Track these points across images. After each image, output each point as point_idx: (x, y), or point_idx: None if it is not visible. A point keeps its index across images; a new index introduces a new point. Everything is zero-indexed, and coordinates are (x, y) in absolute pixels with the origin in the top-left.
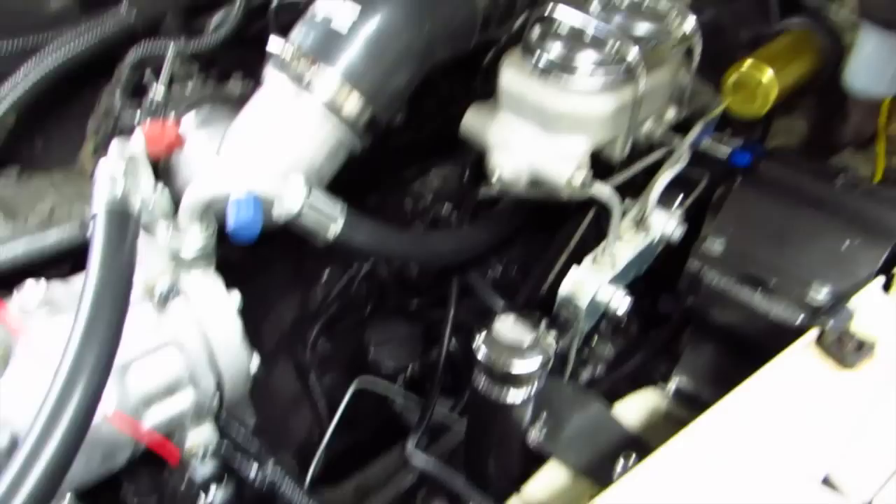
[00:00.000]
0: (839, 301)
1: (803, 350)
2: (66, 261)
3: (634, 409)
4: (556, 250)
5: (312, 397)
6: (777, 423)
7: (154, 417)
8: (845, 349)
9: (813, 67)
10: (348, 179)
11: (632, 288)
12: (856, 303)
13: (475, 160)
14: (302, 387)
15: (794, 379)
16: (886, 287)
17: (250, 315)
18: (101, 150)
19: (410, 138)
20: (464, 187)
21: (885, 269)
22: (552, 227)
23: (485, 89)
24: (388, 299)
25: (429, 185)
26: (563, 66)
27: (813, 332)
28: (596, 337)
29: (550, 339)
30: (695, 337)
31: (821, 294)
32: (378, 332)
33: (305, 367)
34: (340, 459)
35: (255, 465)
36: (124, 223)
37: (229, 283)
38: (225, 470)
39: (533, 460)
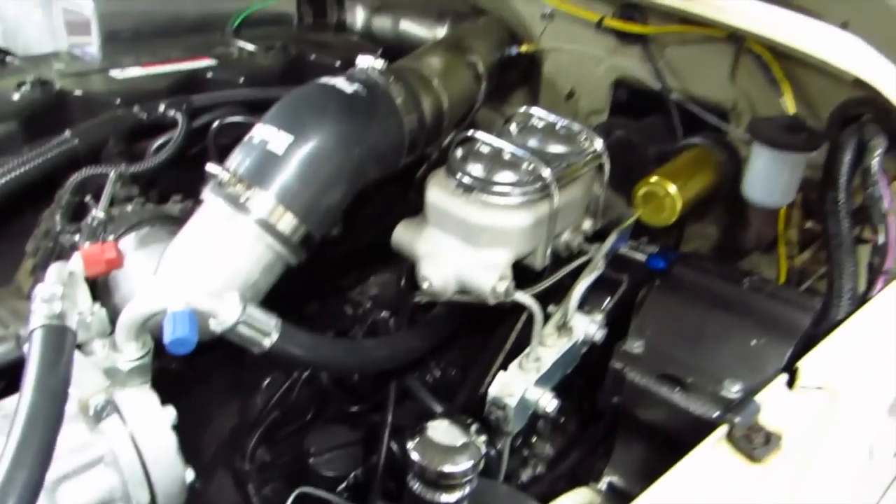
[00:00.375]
0: (748, 395)
1: (714, 446)
2: (1, 378)
3: None
4: (492, 353)
5: None
6: None
7: None
8: (753, 443)
9: (714, 180)
10: (289, 288)
11: (570, 387)
12: (762, 398)
13: (411, 268)
14: (241, 498)
15: (706, 475)
16: (791, 383)
17: (189, 426)
18: (39, 269)
19: (348, 248)
20: (401, 294)
21: (790, 366)
22: (488, 330)
23: (418, 201)
24: (329, 405)
25: (367, 292)
26: (484, 185)
27: (723, 429)
28: (535, 438)
29: (481, 441)
30: (624, 434)
31: (733, 390)
32: (318, 440)
33: (244, 477)
34: None
35: None
36: (61, 340)
37: (167, 394)
38: None
39: None
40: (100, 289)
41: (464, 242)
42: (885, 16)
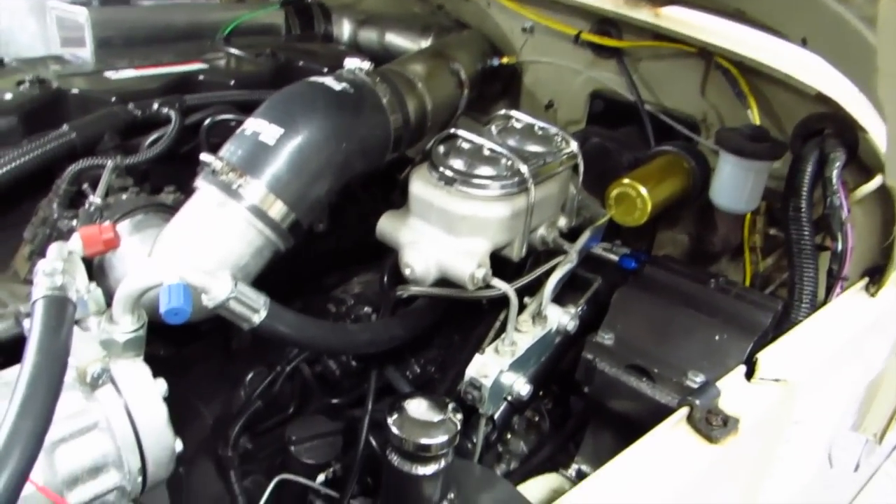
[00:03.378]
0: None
1: (673, 426)
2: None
3: (537, 490)
4: (469, 351)
5: (233, 494)
6: (645, 492)
7: (79, 496)
8: (712, 425)
9: (683, 184)
10: (274, 285)
11: (546, 386)
12: (722, 384)
13: (393, 265)
14: (223, 484)
15: (664, 454)
16: (749, 375)
17: (174, 413)
18: (37, 255)
19: (333, 246)
20: (383, 288)
21: (750, 360)
22: (466, 330)
23: (403, 201)
24: (311, 399)
25: (350, 290)
26: (464, 177)
27: (683, 411)
28: (510, 435)
29: (457, 418)
30: (594, 423)
31: (696, 381)
32: (299, 429)
33: (226, 463)
34: None
35: None
36: (62, 309)
37: (157, 377)
38: None
39: None
40: (95, 271)
41: (444, 231)
42: (842, 32)
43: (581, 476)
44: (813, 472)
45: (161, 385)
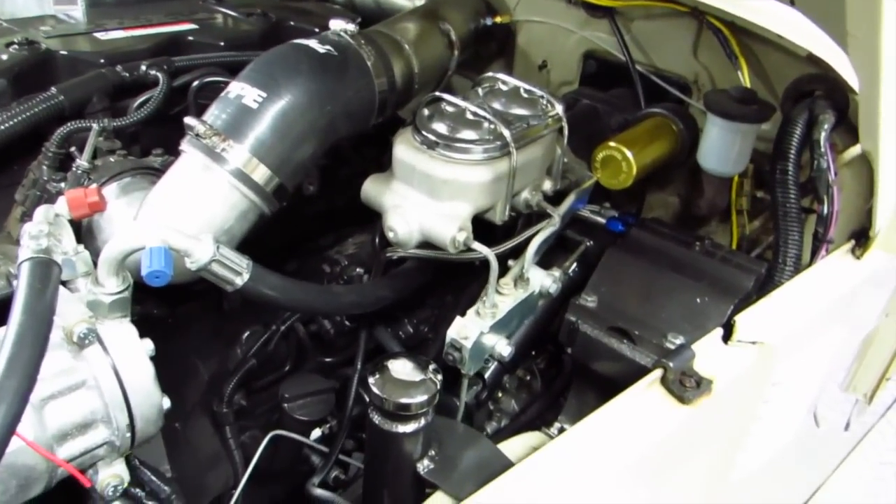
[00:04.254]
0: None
1: (647, 387)
2: None
3: (518, 447)
4: (461, 311)
5: (228, 449)
6: (617, 450)
7: (69, 451)
8: (685, 387)
9: (671, 147)
10: (268, 247)
11: (540, 350)
12: (697, 347)
13: (383, 228)
14: (219, 439)
15: (636, 413)
16: (727, 337)
17: (169, 371)
18: (28, 216)
19: (326, 208)
20: (375, 250)
21: (730, 322)
22: (458, 290)
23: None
24: (305, 358)
25: (344, 251)
26: (447, 141)
27: (657, 372)
28: (501, 394)
29: (437, 378)
30: (577, 384)
31: (675, 343)
32: (293, 387)
33: (222, 419)
34: None
35: None
36: (47, 271)
37: (149, 336)
38: None
39: (422, 492)
40: (84, 233)
41: (427, 196)
42: None
43: (562, 433)
44: (795, 431)
45: (147, 344)
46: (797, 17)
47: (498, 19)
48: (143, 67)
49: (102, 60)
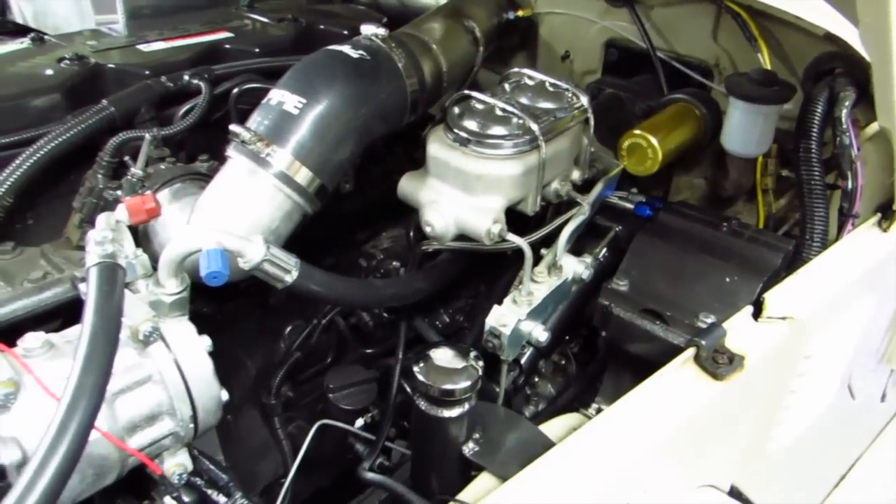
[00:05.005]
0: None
1: (680, 366)
2: (59, 315)
3: (559, 428)
4: (495, 300)
5: (277, 439)
6: (653, 427)
7: (139, 441)
8: (718, 363)
9: (695, 132)
10: (307, 243)
11: (572, 330)
12: (729, 325)
13: (417, 222)
14: (268, 431)
15: (670, 391)
16: (757, 314)
17: (219, 365)
18: (86, 223)
19: (361, 204)
20: (410, 244)
21: (759, 299)
22: (492, 280)
23: (424, 159)
24: (346, 350)
25: (379, 245)
26: (478, 138)
27: (690, 350)
28: (537, 378)
29: (479, 365)
30: (612, 365)
31: (707, 322)
32: (337, 378)
33: (270, 410)
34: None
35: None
36: (113, 275)
37: (201, 333)
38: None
39: (468, 474)
40: (140, 237)
41: (461, 191)
42: None
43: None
44: (830, 402)
45: (206, 340)
46: None
47: (520, 13)
48: (186, 77)
49: (147, 72)
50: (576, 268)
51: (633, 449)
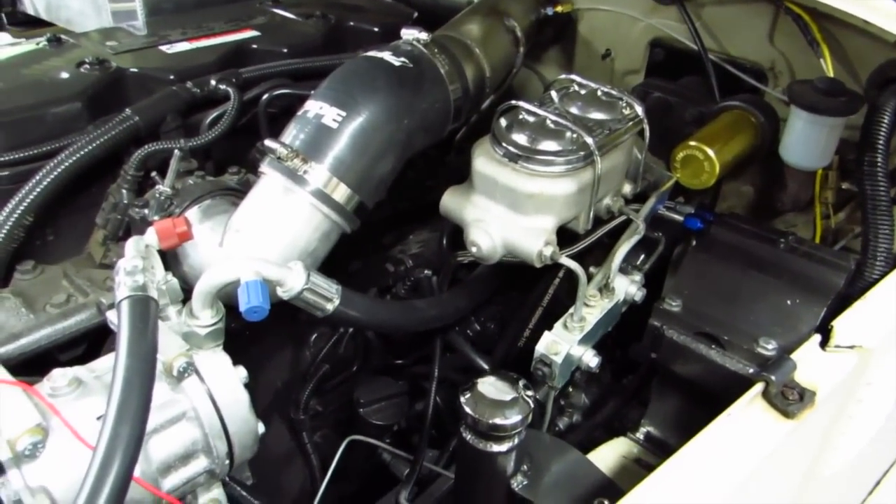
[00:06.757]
0: (783, 354)
1: (750, 402)
2: (83, 342)
3: (608, 456)
4: (529, 309)
5: (306, 454)
6: (723, 470)
7: (172, 482)
8: (788, 400)
9: (752, 142)
10: (335, 247)
11: (603, 337)
12: (797, 356)
13: (451, 229)
14: (296, 444)
15: (741, 431)
16: (824, 343)
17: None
18: (109, 240)
19: (391, 210)
20: (443, 253)
21: (824, 324)
22: (525, 287)
23: (458, 163)
24: (373, 358)
25: (407, 250)
26: (529, 153)
27: (759, 386)
28: (571, 388)
29: (529, 396)
30: (660, 387)
31: (768, 348)
32: (367, 391)
33: (299, 426)
34: None
35: None
36: (146, 309)
37: (227, 349)
38: None
39: None
40: (169, 258)
41: (510, 209)
42: None
43: (650, 439)
44: (882, 423)
45: (241, 372)
46: (886, 1)
47: (559, 8)
48: (213, 82)
49: (172, 76)
50: (628, 289)
51: (703, 496)
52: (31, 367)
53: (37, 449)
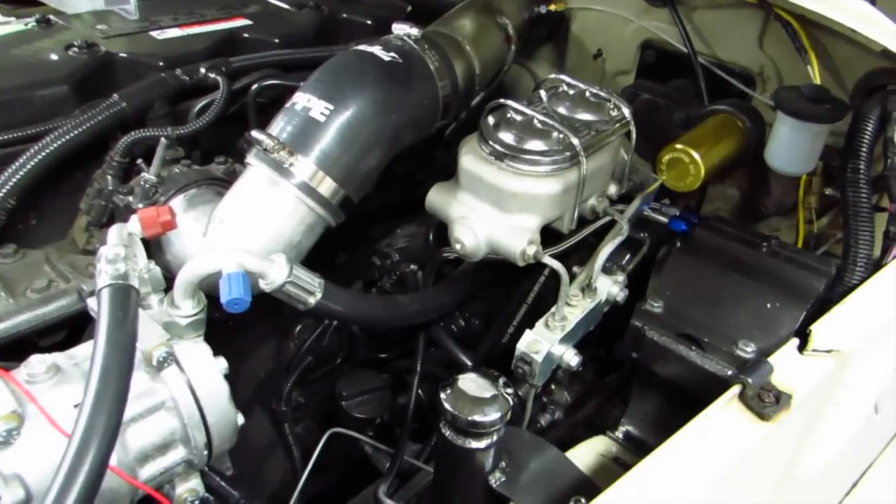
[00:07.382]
0: (762, 357)
1: (726, 404)
2: (63, 328)
3: (587, 454)
4: (513, 306)
5: (287, 446)
6: (697, 470)
7: (149, 471)
8: (764, 402)
9: (737, 147)
10: (321, 240)
11: (586, 336)
12: (774, 359)
13: (438, 224)
14: (277, 436)
15: (717, 432)
16: (802, 347)
17: (229, 370)
18: (92, 226)
19: (378, 204)
20: (429, 248)
21: (803, 328)
22: (510, 284)
23: (446, 159)
24: (357, 351)
25: (394, 244)
26: (515, 152)
27: (735, 388)
28: (553, 385)
29: (508, 393)
30: (640, 387)
31: (747, 350)
32: (349, 384)
33: (280, 417)
34: (313, 502)
35: None
36: (126, 298)
37: (210, 342)
38: None
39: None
40: (153, 246)
41: (495, 207)
42: None
43: (629, 438)
44: (859, 425)
45: (221, 363)
46: (874, 12)
47: (552, 7)
48: (203, 70)
49: (161, 63)
50: (610, 289)
51: (678, 494)
52: (9, 352)
53: (11, 436)
